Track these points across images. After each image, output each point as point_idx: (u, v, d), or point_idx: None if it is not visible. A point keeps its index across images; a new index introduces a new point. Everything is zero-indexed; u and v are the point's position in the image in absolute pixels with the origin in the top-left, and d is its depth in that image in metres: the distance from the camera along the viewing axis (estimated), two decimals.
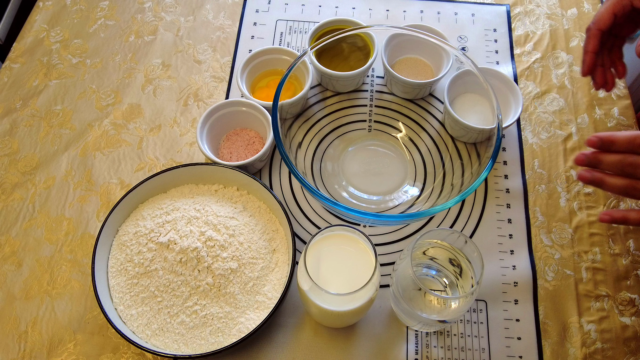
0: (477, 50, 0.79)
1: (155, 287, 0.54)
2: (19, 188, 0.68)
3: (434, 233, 0.51)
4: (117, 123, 0.73)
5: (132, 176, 0.69)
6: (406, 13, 0.83)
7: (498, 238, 0.64)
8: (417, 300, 0.51)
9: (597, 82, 0.62)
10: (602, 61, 0.61)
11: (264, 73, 0.74)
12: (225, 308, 0.54)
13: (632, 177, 0.45)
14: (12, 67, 0.78)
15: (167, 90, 0.76)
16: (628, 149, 0.44)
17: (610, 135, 0.44)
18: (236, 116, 0.68)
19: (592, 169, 0.47)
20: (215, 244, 0.55)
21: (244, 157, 0.67)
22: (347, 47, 0.73)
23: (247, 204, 0.62)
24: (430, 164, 0.68)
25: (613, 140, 0.44)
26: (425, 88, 0.70)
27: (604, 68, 0.61)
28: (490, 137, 0.57)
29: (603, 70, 0.61)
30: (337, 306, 0.49)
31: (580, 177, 0.47)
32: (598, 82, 0.62)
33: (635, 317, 0.59)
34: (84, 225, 0.66)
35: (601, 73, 0.61)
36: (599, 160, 0.46)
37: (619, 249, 0.63)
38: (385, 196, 0.67)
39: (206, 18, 0.83)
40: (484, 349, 0.58)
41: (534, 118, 0.73)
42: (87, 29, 0.82)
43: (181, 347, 0.53)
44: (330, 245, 0.51)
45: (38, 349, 0.58)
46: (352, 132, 0.71)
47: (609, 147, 0.45)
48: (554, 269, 0.62)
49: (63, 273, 0.63)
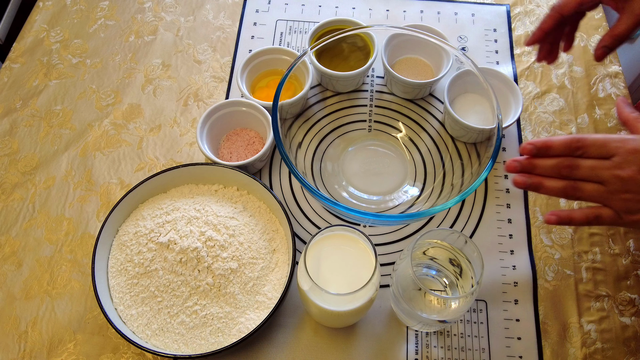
0: (477, 50, 0.79)
1: (155, 287, 0.54)
2: (19, 188, 0.68)
3: (434, 233, 0.51)
4: (117, 123, 0.73)
5: (132, 176, 0.69)
6: (406, 13, 0.83)
7: (498, 238, 0.64)
8: (417, 300, 0.51)
9: (540, 54, 0.62)
10: (552, 38, 0.61)
11: (264, 73, 0.74)
12: (225, 308, 0.54)
13: (569, 178, 0.45)
14: (12, 67, 0.78)
15: (167, 90, 0.76)
16: (565, 153, 0.44)
17: (546, 141, 0.44)
18: (236, 116, 0.68)
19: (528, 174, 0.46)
20: (215, 244, 0.55)
21: (244, 157, 0.67)
22: (347, 47, 0.73)
23: (247, 204, 0.62)
24: (430, 164, 0.68)
25: (549, 145, 0.44)
26: (425, 88, 0.70)
27: (551, 43, 0.61)
28: (490, 137, 0.57)
29: (550, 45, 0.61)
30: (337, 306, 0.49)
31: (516, 182, 0.46)
32: (540, 55, 0.62)
33: (635, 317, 0.59)
34: (84, 225, 0.66)
35: (546, 47, 0.61)
36: (534, 165, 0.45)
37: (619, 249, 0.63)
38: (385, 196, 0.67)
39: (206, 18, 0.83)
40: (484, 349, 0.58)
41: (534, 118, 0.73)
42: (87, 29, 0.82)
43: (181, 347, 0.53)
44: (330, 245, 0.51)
45: (38, 349, 0.58)
46: (352, 132, 0.71)
47: (545, 152, 0.44)
48: (554, 269, 0.62)
49: (63, 273, 0.63)
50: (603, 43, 0.54)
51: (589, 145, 0.42)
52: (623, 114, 0.48)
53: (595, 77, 0.76)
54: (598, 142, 0.42)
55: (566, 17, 0.56)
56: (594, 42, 0.79)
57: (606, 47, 0.54)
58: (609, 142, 0.42)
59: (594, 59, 0.56)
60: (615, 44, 0.53)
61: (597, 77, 0.76)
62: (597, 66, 0.77)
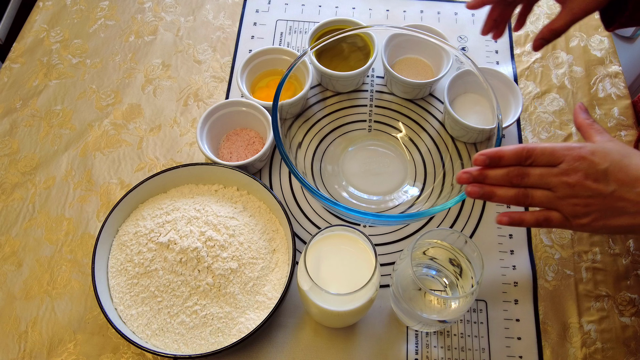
0: (477, 50, 0.79)
1: (155, 287, 0.54)
2: (19, 188, 0.68)
3: (434, 233, 0.51)
4: (117, 123, 0.73)
5: (132, 176, 0.69)
6: (406, 13, 0.83)
7: (498, 238, 0.64)
8: (417, 300, 0.51)
9: (483, 28, 0.62)
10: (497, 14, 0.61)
11: (264, 73, 0.74)
12: (225, 308, 0.54)
13: (520, 186, 0.46)
14: (12, 67, 0.78)
15: (167, 90, 0.76)
16: (515, 162, 0.45)
17: (498, 151, 0.45)
18: (236, 116, 0.68)
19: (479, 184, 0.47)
20: (215, 244, 0.55)
21: (244, 157, 0.67)
22: (347, 47, 0.73)
23: (247, 204, 0.62)
24: (430, 164, 0.68)
25: (501, 155, 0.45)
26: (425, 88, 0.70)
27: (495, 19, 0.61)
28: (490, 137, 0.57)
29: (493, 21, 0.61)
30: (337, 306, 0.49)
31: (469, 193, 0.47)
32: (484, 29, 0.63)
33: (635, 317, 0.59)
34: (84, 225, 0.66)
35: (489, 22, 0.62)
36: (485, 175, 0.46)
37: (619, 249, 0.63)
38: (385, 196, 0.67)
39: (206, 18, 0.83)
40: (484, 349, 0.58)
41: (534, 118, 0.73)
42: (87, 29, 0.82)
43: (181, 347, 0.53)
44: (330, 245, 0.51)
45: (38, 349, 0.58)
46: (352, 132, 0.71)
47: (497, 163, 0.45)
48: (554, 269, 0.62)
49: (63, 273, 0.63)
50: (541, 35, 0.56)
51: (538, 154, 0.44)
52: (578, 119, 0.50)
53: (595, 77, 0.76)
54: (546, 150, 0.44)
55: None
56: (594, 42, 0.79)
57: (544, 39, 0.56)
58: (557, 150, 0.43)
59: (532, 48, 0.58)
60: (552, 37, 0.55)
61: (597, 77, 0.76)
62: (597, 66, 0.77)
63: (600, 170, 0.43)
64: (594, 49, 0.78)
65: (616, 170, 0.42)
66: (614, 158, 0.43)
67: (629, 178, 0.42)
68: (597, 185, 0.43)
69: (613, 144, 0.45)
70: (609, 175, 0.43)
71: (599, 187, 0.43)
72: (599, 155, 0.43)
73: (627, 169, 0.42)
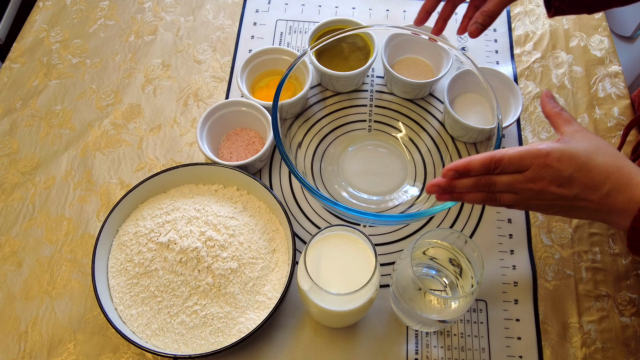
0: (477, 50, 0.79)
1: (155, 287, 0.54)
2: (19, 188, 0.68)
3: (434, 233, 0.51)
4: (117, 123, 0.73)
5: (132, 176, 0.69)
6: (406, 13, 0.83)
7: (498, 238, 0.64)
8: (417, 300, 0.51)
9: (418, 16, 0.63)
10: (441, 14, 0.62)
11: (264, 73, 0.74)
12: (225, 308, 0.54)
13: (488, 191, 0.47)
14: (12, 67, 0.78)
15: (167, 90, 0.76)
16: (483, 172, 0.46)
17: (466, 165, 0.46)
18: (236, 116, 0.68)
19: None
20: (215, 244, 0.55)
21: (244, 157, 0.67)
22: (347, 47, 0.73)
23: (247, 204, 0.62)
24: (430, 164, 0.68)
25: (469, 168, 0.46)
26: (425, 88, 0.70)
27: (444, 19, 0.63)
28: (490, 137, 0.57)
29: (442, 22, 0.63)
30: (337, 306, 0.49)
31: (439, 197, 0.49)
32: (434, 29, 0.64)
33: (635, 317, 0.59)
34: (84, 225, 0.66)
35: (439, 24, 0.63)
36: (454, 186, 0.47)
37: (619, 248, 0.63)
38: (385, 196, 0.67)
39: (206, 18, 0.83)
40: (484, 348, 0.58)
41: (534, 118, 0.73)
42: (87, 29, 0.82)
43: (181, 347, 0.53)
44: (330, 245, 0.51)
45: (38, 349, 0.58)
46: (352, 132, 0.71)
47: (466, 175, 0.47)
48: (554, 269, 0.62)
49: (63, 273, 0.63)
50: (475, 20, 0.57)
51: (506, 164, 0.45)
52: (545, 108, 0.50)
53: (595, 77, 0.76)
54: (514, 159, 0.45)
55: None
56: (594, 42, 0.79)
57: (479, 23, 0.57)
58: (525, 157, 0.45)
59: (469, 35, 0.59)
60: (487, 21, 0.56)
61: (597, 77, 0.76)
62: (597, 66, 0.77)
63: (565, 177, 0.44)
64: (594, 48, 0.78)
65: (580, 175, 0.44)
66: (579, 162, 0.44)
67: (593, 182, 0.43)
68: (560, 190, 0.44)
69: (581, 139, 0.45)
70: (573, 181, 0.44)
71: (562, 191, 0.44)
72: (565, 161, 0.44)
73: (591, 172, 0.43)
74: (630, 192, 0.43)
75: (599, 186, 0.43)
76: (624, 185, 0.43)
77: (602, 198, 0.44)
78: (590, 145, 0.44)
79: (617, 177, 0.43)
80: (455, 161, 0.46)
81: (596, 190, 0.44)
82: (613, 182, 0.43)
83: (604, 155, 0.44)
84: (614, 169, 0.43)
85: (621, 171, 0.43)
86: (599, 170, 0.43)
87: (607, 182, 0.43)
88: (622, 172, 0.43)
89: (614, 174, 0.43)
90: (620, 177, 0.43)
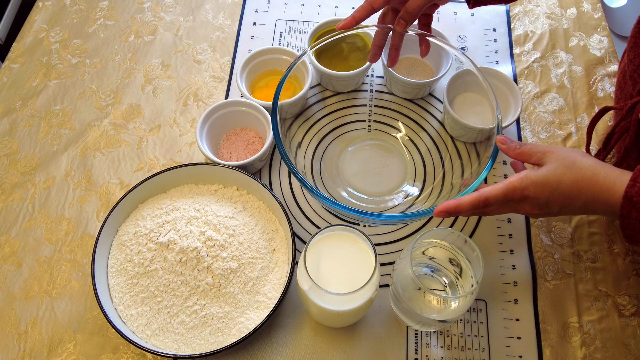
0: (476, 50, 0.79)
1: (155, 287, 0.54)
2: (19, 188, 0.68)
3: (434, 233, 0.51)
4: (116, 123, 0.73)
5: (132, 176, 0.69)
6: None
7: (498, 238, 0.64)
8: (416, 300, 0.51)
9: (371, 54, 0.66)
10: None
11: (264, 73, 0.74)
12: (225, 308, 0.54)
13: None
14: (12, 67, 0.78)
15: (166, 90, 0.76)
16: (472, 212, 0.51)
17: (456, 206, 0.50)
18: (236, 116, 0.68)
19: None
20: (215, 243, 0.55)
21: (244, 157, 0.67)
22: (347, 47, 0.73)
23: (246, 204, 0.62)
24: (430, 163, 0.68)
25: (459, 210, 0.50)
26: (425, 88, 0.70)
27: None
28: (489, 136, 0.57)
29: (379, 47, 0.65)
30: (337, 306, 0.49)
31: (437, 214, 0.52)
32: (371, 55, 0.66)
33: (635, 317, 0.59)
34: (83, 225, 0.66)
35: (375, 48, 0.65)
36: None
37: (619, 248, 0.63)
38: (385, 196, 0.67)
39: (206, 18, 0.83)
40: (484, 348, 0.58)
41: (534, 118, 0.73)
42: (87, 29, 0.82)
43: (181, 347, 0.53)
44: (330, 245, 0.51)
45: (38, 349, 0.58)
46: (351, 132, 0.71)
47: (456, 215, 0.51)
48: (553, 269, 0.62)
49: (63, 273, 0.63)
50: (400, 15, 0.59)
51: (492, 202, 0.50)
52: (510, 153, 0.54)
53: (595, 76, 0.76)
54: (499, 197, 0.49)
55: (377, 10, 0.61)
56: (594, 42, 0.79)
57: (403, 19, 0.59)
58: (507, 194, 0.49)
59: (396, 29, 0.61)
60: (410, 18, 0.59)
61: (596, 77, 0.76)
62: (597, 66, 0.77)
63: (543, 202, 0.49)
64: (594, 48, 0.79)
65: (555, 198, 0.49)
66: (550, 187, 0.48)
67: (568, 199, 0.48)
68: (543, 211, 0.50)
69: (550, 163, 0.49)
70: (551, 203, 0.49)
71: (545, 211, 0.50)
72: (539, 190, 0.49)
73: (563, 192, 0.48)
74: (605, 197, 0.47)
75: (575, 201, 0.48)
76: (598, 194, 0.47)
77: (582, 206, 0.49)
78: (559, 166, 0.49)
79: (589, 188, 0.47)
80: (446, 202, 0.50)
81: (574, 203, 0.49)
82: (587, 195, 0.47)
83: (575, 171, 0.48)
84: (584, 183, 0.47)
85: (592, 182, 0.47)
86: (571, 189, 0.48)
87: (581, 196, 0.48)
88: (593, 182, 0.47)
89: (585, 188, 0.47)
90: (592, 187, 0.47)
